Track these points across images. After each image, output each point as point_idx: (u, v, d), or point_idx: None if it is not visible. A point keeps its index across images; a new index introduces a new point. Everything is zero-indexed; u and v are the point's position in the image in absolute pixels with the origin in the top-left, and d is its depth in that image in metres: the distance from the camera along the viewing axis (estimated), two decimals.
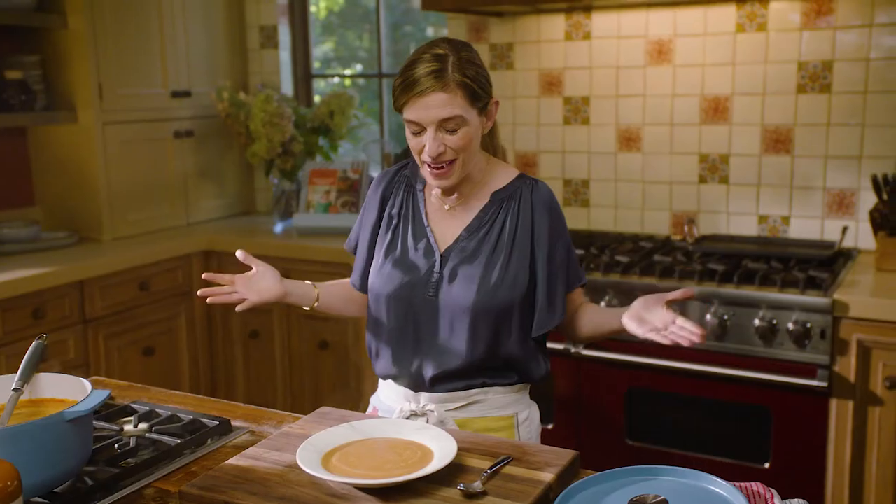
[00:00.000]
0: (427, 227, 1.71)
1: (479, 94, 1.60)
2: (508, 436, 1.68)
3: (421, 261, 1.68)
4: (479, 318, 1.62)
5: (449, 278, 1.65)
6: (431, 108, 1.56)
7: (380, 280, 1.71)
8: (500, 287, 1.63)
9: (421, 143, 1.60)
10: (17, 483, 1.09)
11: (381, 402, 1.78)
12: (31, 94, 3.18)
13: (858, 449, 2.40)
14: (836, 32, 2.84)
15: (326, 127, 3.61)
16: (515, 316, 1.65)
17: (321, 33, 4.25)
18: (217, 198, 3.87)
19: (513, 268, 1.64)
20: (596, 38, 3.20)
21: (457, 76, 1.57)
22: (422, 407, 1.67)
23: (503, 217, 1.67)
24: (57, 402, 1.43)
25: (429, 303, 1.65)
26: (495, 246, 1.66)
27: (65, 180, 3.39)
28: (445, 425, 1.64)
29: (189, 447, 1.50)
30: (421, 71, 1.56)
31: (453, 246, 1.68)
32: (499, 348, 1.65)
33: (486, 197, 1.70)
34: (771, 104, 2.97)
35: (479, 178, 1.71)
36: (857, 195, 2.88)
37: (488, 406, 1.67)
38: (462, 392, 1.66)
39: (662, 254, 2.85)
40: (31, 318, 2.78)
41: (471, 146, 1.62)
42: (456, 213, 1.71)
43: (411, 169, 1.79)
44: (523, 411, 1.72)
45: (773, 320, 2.43)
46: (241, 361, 3.47)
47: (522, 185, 1.70)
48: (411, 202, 1.75)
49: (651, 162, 3.19)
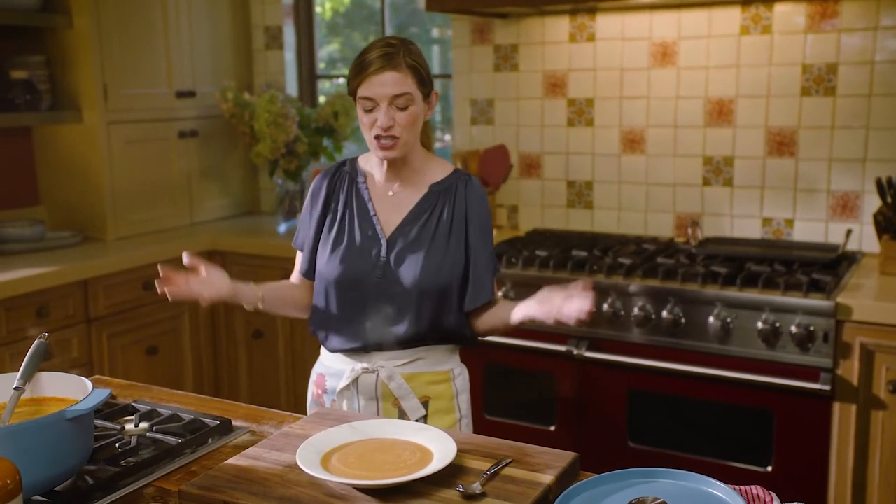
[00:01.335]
0: (374, 215, 1.86)
1: (425, 79, 1.79)
2: (447, 387, 1.89)
3: (368, 246, 1.84)
4: (424, 296, 1.80)
5: (395, 261, 1.82)
6: (385, 84, 1.74)
7: (330, 267, 1.85)
8: (441, 269, 1.81)
9: (373, 118, 1.77)
10: (17, 481, 1.09)
11: (327, 368, 1.92)
12: (36, 94, 3.19)
13: (861, 453, 2.40)
14: (840, 35, 2.83)
15: (331, 127, 3.61)
16: (454, 294, 1.84)
17: (326, 34, 4.25)
18: (221, 198, 3.88)
19: (451, 253, 1.83)
20: (600, 40, 3.20)
21: (408, 59, 1.76)
22: (373, 365, 1.84)
23: (441, 207, 1.85)
24: (58, 400, 1.43)
25: (377, 285, 1.82)
26: (434, 233, 1.83)
27: (69, 180, 3.40)
28: (394, 380, 1.83)
29: (190, 447, 1.50)
30: (374, 55, 1.75)
31: (397, 232, 1.84)
32: (440, 322, 1.83)
33: (425, 188, 1.87)
34: (775, 107, 2.97)
35: (418, 168, 1.88)
36: (862, 198, 2.88)
37: (430, 362, 1.87)
38: (408, 349, 1.85)
39: (666, 256, 2.84)
40: (35, 316, 2.79)
41: (416, 125, 1.80)
42: (398, 200, 1.87)
43: (350, 165, 1.94)
44: (457, 367, 1.93)
45: (777, 323, 2.42)
46: (244, 361, 3.48)
47: (458, 180, 1.88)
48: (355, 194, 1.89)
49: (655, 164, 3.19)
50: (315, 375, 1.97)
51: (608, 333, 2.64)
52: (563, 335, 2.68)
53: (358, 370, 1.85)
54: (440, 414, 1.87)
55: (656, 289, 2.58)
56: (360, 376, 1.85)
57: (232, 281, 1.82)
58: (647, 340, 2.59)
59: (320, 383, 1.94)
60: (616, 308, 2.62)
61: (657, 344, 2.59)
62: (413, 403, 1.84)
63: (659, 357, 2.57)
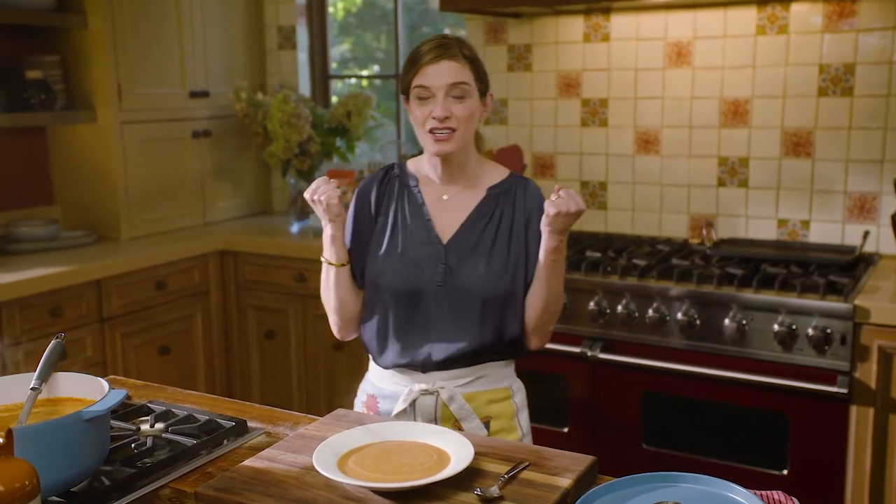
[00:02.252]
0: (429, 220, 1.78)
1: (482, 75, 1.73)
2: (507, 405, 1.80)
3: (425, 253, 1.75)
4: (487, 305, 1.72)
5: (454, 268, 1.73)
6: (442, 73, 1.67)
7: (384, 277, 1.75)
8: (504, 275, 1.73)
9: (427, 109, 1.69)
10: (35, 482, 1.09)
11: (379, 389, 1.82)
12: (50, 94, 3.20)
13: (879, 457, 2.38)
14: (858, 35, 2.81)
15: (343, 127, 3.61)
16: (518, 301, 1.75)
17: (339, 34, 4.25)
18: (234, 198, 3.88)
19: (513, 257, 1.75)
20: (614, 40, 3.19)
21: (465, 51, 1.71)
22: (433, 386, 1.74)
23: (500, 210, 1.77)
24: (75, 401, 1.43)
25: (437, 292, 1.73)
26: (495, 237, 1.75)
27: (83, 179, 3.41)
28: (454, 400, 1.73)
29: (205, 448, 1.50)
30: (429, 46, 1.70)
31: (456, 237, 1.76)
32: (505, 331, 1.75)
33: (483, 191, 1.79)
34: (791, 107, 2.94)
35: (473, 171, 1.80)
36: (879, 199, 2.85)
37: (490, 380, 1.78)
38: (470, 367, 1.75)
39: (680, 257, 2.83)
40: (49, 316, 2.80)
41: (472, 120, 1.72)
42: (454, 205, 1.79)
43: (399, 169, 1.85)
44: (515, 382, 1.84)
45: (793, 325, 2.40)
46: (256, 361, 3.48)
47: (516, 183, 1.81)
48: (408, 199, 1.80)
49: (669, 165, 3.17)
50: (364, 396, 1.86)
51: (622, 335, 2.63)
52: (577, 336, 2.67)
53: (416, 392, 1.73)
54: (501, 434, 1.78)
55: (671, 290, 2.56)
56: (419, 398, 1.73)
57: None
58: (662, 342, 2.57)
59: (371, 405, 1.83)
60: (630, 309, 2.60)
61: (672, 346, 2.57)
62: (475, 425, 1.74)
63: (673, 359, 2.55)
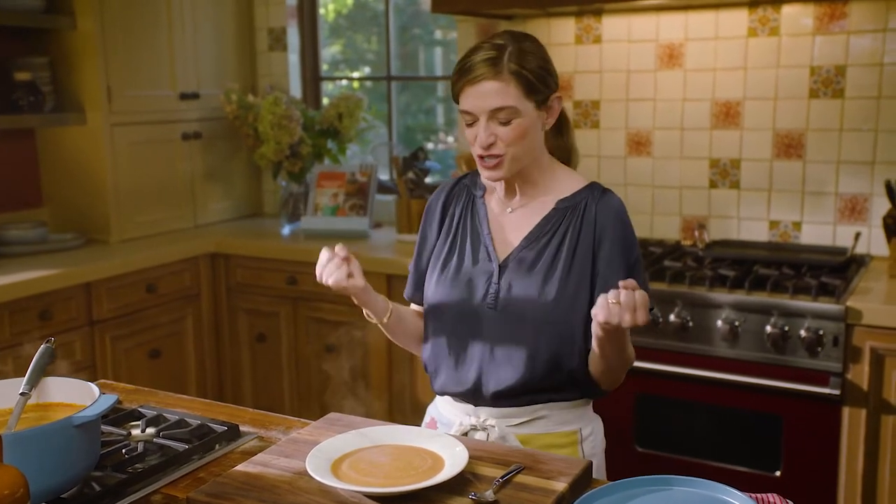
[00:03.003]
0: (487, 234, 1.64)
1: (536, 86, 1.54)
2: (572, 451, 1.61)
3: (479, 271, 1.62)
4: (541, 332, 1.56)
5: (507, 289, 1.58)
6: (483, 97, 1.52)
7: (437, 292, 1.65)
8: (561, 300, 1.55)
9: (474, 133, 1.56)
10: (24, 489, 1.07)
11: (440, 414, 1.71)
12: (39, 96, 3.18)
13: (871, 458, 2.38)
14: (849, 37, 2.81)
15: (335, 129, 3.60)
16: (577, 331, 1.57)
17: (329, 36, 4.24)
18: (225, 200, 3.86)
19: (573, 282, 1.56)
20: (606, 42, 3.18)
21: (512, 65, 1.52)
22: (482, 422, 1.61)
23: (566, 228, 1.60)
24: (64, 406, 1.41)
25: (488, 315, 1.59)
26: (554, 257, 1.58)
27: (73, 182, 3.38)
28: (507, 441, 1.58)
29: (197, 452, 1.48)
30: (477, 58, 1.53)
31: (512, 255, 1.61)
32: (561, 364, 1.57)
33: (552, 204, 1.62)
34: (783, 109, 2.95)
35: (541, 182, 1.64)
36: (870, 201, 2.86)
37: (552, 422, 1.60)
38: (526, 407, 1.59)
39: (672, 259, 2.83)
40: (38, 319, 2.78)
41: (524, 140, 1.55)
42: (518, 219, 1.64)
43: (470, 178, 1.73)
44: (587, 426, 1.64)
45: (785, 327, 2.40)
46: (248, 364, 3.46)
47: (589, 195, 1.61)
48: (471, 211, 1.69)
49: (661, 166, 3.17)
50: (428, 417, 1.76)
51: None
52: None
53: (466, 426, 1.62)
54: None
55: (664, 292, 2.56)
56: (469, 432, 1.61)
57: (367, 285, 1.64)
58: (655, 344, 2.57)
59: (433, 427, 1.74)
60: None
61: (665, 348, 2.57)
62: None
63: (666, 361, 2.55)
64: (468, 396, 1.62)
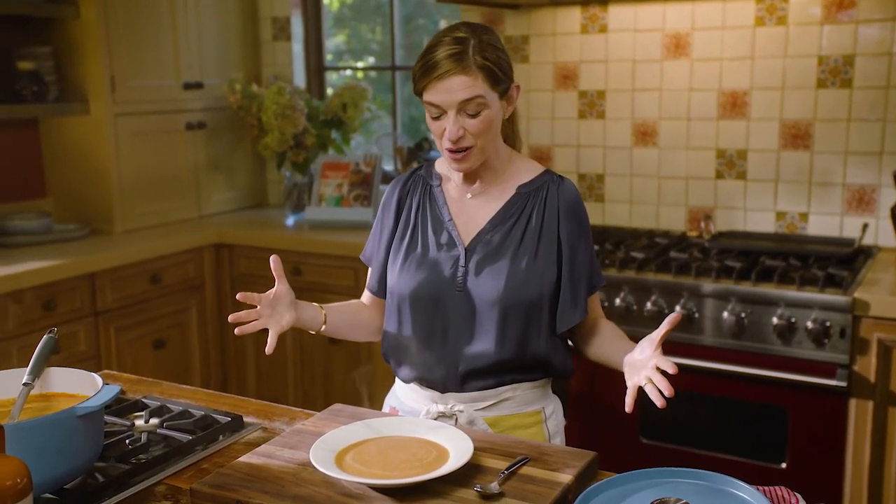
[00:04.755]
0: (449, 220, 1.67)
1: (500, 77, 1.57)
2: (538, 430, 1.65)
3: (444, 256, 1.64)
4: (509, 312, 1.59)
5: (475, 271, 1.61)
6: (452, 90, 1.53)
7: (402, 281, 1.65)
8: (528, 281, 1.59)
9: (441, 126, 1.57)
10: (27, 480, 1.07)
11: (401, 402, 1.72)
12: (43, 86, 3.17)
13: (878, 450, 2.37)
14: (858, 26, 2.79)
15: (339, 120, 3.59)
16: (544, 311, 1.61)
17: (334, 25, 4.22)
18: (229, 190, 3.85)
19: (540, 262, 1.61)
20: (612, 32, 3.16)
21: (477, 59, 1.54)
22: (450, 408, 1.62)
23: (529, 211, 1.64)
24: (68, 396, 1.41)
25: (456, 298, 1.61)
26: (521, 240, 1.62)
27: (76, 172, 3.38)
28: (475, 425, 1.61)
29: (201, 443, 1.48)
30: (441, 54, 1.54)
31: (477, 238, 1.64)
32: (528, 344, 1.61)
33: (512, 190, 1.66)
34: (790, 99, 2.93)
35: (501, 169, 1.68)
36: (878, 192, 2.84)
37: (517, 403, 1.64)
38: (492, 390, 1.62)
39: (678, 250, 2.81)
40: (43, 310, 2.77)
41: (491, 130, 1.59)
42: (478, 204, 1.67)
43: (425, 169, 1.76)
44: (549, 405, 1.70)
45: (792, 318, 2.39)
46: (252, 355, 3.46)
47: (549, 181, 1.67)
48: (429, 200, 1.71)
49: (667, 157, 3.15)
50: (387, 407, 1.77)
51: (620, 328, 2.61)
52: None
53: (433, 413, 1.63)
54: None
55: (669, 283, 2.55)
56: (438, 419, 1.62)
57: (294, 303, 1.61)
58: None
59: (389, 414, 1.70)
60: (628, 302, 2.59)
61: (670, 339, 2.52)
62: None
63: (672, 352, 2.50)
64: (437, 382, 1.64)
